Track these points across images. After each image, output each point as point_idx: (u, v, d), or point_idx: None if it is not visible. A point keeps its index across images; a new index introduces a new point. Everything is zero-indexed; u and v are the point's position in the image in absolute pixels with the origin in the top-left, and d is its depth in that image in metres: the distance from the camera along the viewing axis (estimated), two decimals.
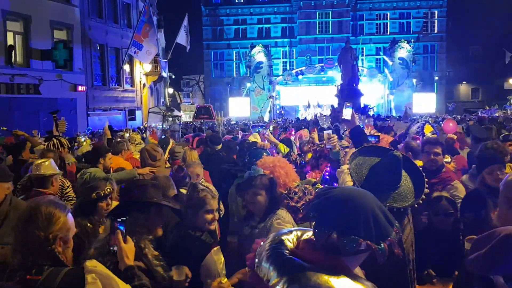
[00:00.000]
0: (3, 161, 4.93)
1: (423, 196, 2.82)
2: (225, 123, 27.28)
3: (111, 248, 2.49)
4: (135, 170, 5.43)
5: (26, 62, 21.19)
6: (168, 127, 19.05)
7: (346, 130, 5.71)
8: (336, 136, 5.19)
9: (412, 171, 2.98)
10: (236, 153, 6.95)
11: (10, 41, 20.20)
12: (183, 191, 3.96)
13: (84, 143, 10.43)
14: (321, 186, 4.43)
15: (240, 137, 10.43)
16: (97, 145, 7.03)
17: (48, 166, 4.45)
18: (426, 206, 3.58)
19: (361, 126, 4.64)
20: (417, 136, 7.01)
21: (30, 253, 2.12)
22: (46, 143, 6.70)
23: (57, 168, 4.61)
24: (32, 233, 2.12)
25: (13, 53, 20.05)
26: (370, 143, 4.01)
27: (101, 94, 27.00)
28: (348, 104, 4.01)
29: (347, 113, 3.88)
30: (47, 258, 2.14)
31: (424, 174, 2.99)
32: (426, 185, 2.90)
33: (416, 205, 2.80)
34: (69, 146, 6.64)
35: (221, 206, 4.69)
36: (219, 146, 7.08)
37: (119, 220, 2.51)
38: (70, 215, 2.29)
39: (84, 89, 24.62)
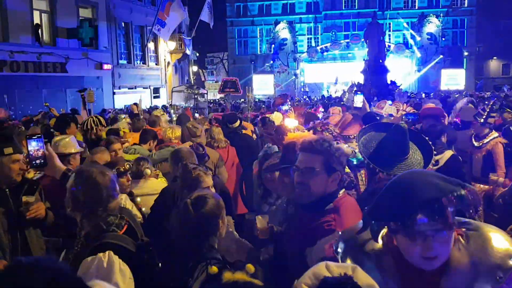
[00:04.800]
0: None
1: (430, 166, 2.87)
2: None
3: (34, 162, 2.70)
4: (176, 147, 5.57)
5: (53, 40, 21.49)
6: (191, 105, 19.14)
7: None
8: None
9: (419, 141, 3.00)
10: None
11: (36, 20, 20.48)
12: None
13: (124, 119, 10.53)
14: (347, 169, 4.38)
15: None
16: (149, 129, 6.98)
17: (67, 143, 4.31)
18: None
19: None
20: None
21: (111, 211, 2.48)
22: (83, 122, 6.72)
23: (77, 145, 4.48)
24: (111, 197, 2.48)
25: (39, 31, 20.34)
26: None
27: (127, 72, 27.27)
28: (359, 92, 4.00)
29: (358, 100, 3.87)
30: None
31: (432, 145, 2.99)
32: (435, 152, 2.93)
33: None
34: (105, 125, 6.71)
35: None
36: (236, 124, 7.10)
37: (34, 136, 2.80)
38: None
39: (110, 67, 24.89)
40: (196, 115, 12.74)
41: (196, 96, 19.20)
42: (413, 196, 1.52)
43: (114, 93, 25.57)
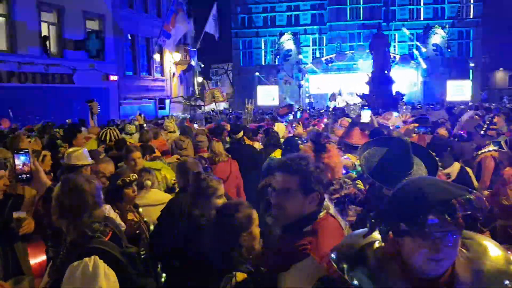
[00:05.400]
0: None
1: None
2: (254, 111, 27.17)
3: (20, 177, 2.84)
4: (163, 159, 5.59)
5: (60, 52, 21.71)
6: (189, 116, 19.16)
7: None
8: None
9: (423, 155, 2.93)
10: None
11: (44, 32, 20.70)
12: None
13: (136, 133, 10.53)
14: (361, 185, 4.32)
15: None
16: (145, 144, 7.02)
17: (79, 155, 4.38)
18: None
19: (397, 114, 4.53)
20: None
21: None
22: (101, 133, 6.74)
23: (89, 158, 4.54)
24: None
25: (47, 43, 20.55)
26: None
27: (132, 83, 27.43)
28: (366, 107, 3.95)
29: (365, 115, 3.83)
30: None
31: (436, 159, 2.92)
32: (441, 165, 2.86)
33: None
34: (118, 137, 6.74)
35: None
36: (240, 134, 7.07)
37: (21, 151, 2.85)
38: None
39: (116, 78, 25.04)
40: (195, 125, 12.79)
41: (195, 107, 19.29)
42: (424, 197, 1.52)
43: (120, 104, 25.71)
